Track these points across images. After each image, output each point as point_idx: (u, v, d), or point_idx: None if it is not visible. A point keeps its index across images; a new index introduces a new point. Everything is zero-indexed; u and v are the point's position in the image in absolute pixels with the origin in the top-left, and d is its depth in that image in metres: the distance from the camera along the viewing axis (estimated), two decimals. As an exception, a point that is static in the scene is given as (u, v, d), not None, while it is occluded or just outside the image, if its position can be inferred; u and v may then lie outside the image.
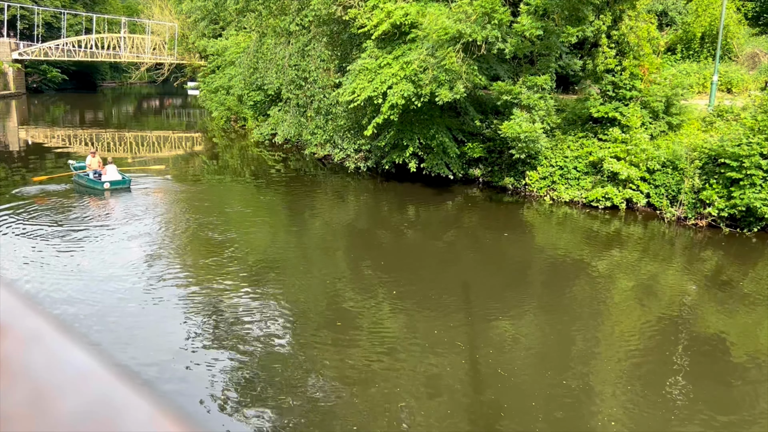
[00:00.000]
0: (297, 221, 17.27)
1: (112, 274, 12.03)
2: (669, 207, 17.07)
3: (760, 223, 15.66)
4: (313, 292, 11.93)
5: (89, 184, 18.80)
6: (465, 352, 9.44)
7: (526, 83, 18.32)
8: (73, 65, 62.95)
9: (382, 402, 8.05)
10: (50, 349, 0.41)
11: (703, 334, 10.52)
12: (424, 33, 17.91)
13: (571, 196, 18.44)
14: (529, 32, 16.98)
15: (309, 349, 9.43)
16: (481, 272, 13.50)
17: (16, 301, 0.44)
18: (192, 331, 9.74)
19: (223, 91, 36.11)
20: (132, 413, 0.38)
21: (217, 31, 42.58)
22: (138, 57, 63.08)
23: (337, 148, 22.97)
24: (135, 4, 78.06)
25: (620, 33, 18.59)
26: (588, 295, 12.17)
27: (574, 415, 7.92)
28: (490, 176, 20.40)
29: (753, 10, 30.04)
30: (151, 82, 77.21)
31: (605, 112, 18.27)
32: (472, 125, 20.15)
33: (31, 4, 61.27)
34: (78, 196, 18.29)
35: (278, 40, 27.24)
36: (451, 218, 18.18)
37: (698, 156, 16.76)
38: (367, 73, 18.56)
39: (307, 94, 25.65)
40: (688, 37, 27.29)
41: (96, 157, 19.87)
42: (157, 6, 63.26)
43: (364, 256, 14.35)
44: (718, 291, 12.70)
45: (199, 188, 21.48)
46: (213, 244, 14.32)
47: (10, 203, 16.92)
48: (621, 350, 9.87)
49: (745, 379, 8.97)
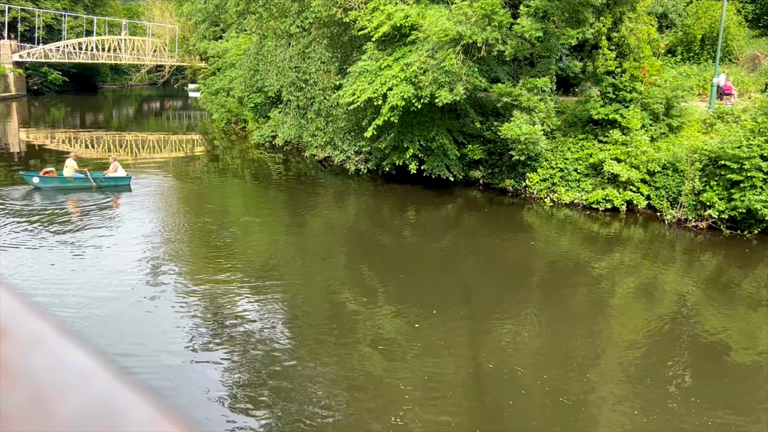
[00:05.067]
0: (297, 223, 17.27)
1: (112, 275, 12.02)
2: (669, 209, 17.06)
3: (760, 225, 15.65)
4: (314, 293, 11.93)
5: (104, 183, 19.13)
6: (466, 354, 9.43)
7: (526, 85, 18.33)
8: (73, 67, 63.03)
9: (382, 404, 8.04)
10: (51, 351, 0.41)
11: (703, 336, 10.50)
12: (425, 35, 17.93)
13: (572, 198, 18.44)
14: (529, 34, 16.99)
15: (309, 350, 9.42)
16: (481, 274, 13.50)
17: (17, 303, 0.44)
18: (192, 333, 9.73)
19: (224, 93, 36.14)
20: (132, 415, 0.38)
21: (218, 34, 42.63)
22: (138, 59, 63.17)
23: (338, 150, 22.98)
24: (136, 7, 78.25)
25: (620, 35, 18.60)
26: (588, 297, 12.16)
27: (574, 417, 7.90)
28: (491, 178, 20.41)
29: (753, 12, 30.07)
30: (151, 84, 77.28)
31: (605, 114, 18.28)
32: (472, 127, 20.16)
33: (32, 7, 61.37)
34: (79, 196, 18.28)
35: (279, 42, 27.27)
36: (451, 220, 18.18)
37: (698, 158, 16.76)
38: (368, 75, 18.58)
39: (308, 96, 25.68)
40: (689, 39, 27.32)
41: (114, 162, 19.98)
42: (157, 8, 63.42)
43: (364, 258, 14.34)
44: (719, 293, 12.69)
45: (199, 190, 21.49)
46: (213, 245, 14.32)
47: (10, 203, 16.91)
48: (621, 352, 9.86)
49: (745, 380, 8.96)
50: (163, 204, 18.74)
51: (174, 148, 32.73)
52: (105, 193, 18.72)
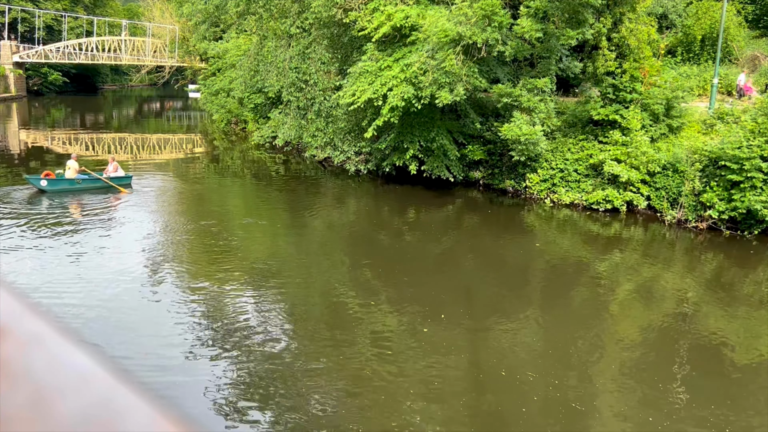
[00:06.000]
0: (297, 223, 17.27)
1: (112, 275, 12.02)
2: (669, 209, 17.06)
3: (760, 225, 15.65)
4: (314, 294, 11.93)
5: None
6: (466, 355, 9.43)
7: (526, 86, 18.33)
8: (73, 68, 63.02)
9: (382, 404, 8.04)
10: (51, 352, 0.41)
11: (703, 337, 10.50)
12: (425, 35, 17.93)
13: (572, 199, 18.44)
14: (529, 35, 16.99)
15: (309, 351, 9.42)
16: (481, 275, 13.50)
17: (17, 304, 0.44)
18: (193, 333, 9.73)
19: (224, 94, 36.15)
20: (132, 415, 0.38)
21: (218, 34, 42.57)
22: (139, 60, 63.21)
23: (338, 151, 22.98)
24: (136, 7, 78.29)
25: (620, 36, 18.60)
26: (589, 298, 12.16)
27: (574, 417, 7.90)
28: (491, 179, 20.41)
29: (753, 12, 30.07)
30: (151, 84, 77.31)
31: (605, 114, 18.28)
32: (472, 128, 20.16)
33: (32, 7, 61.38)
34: (80, 197, 18.27)
35: (279, 42, 27.24)
36: (451, 221, 18.18)
37: (698, 158, 16.76)
38: (368, 76, 18.58)
39: (308, 96, 25.67)
40: (689, 40, 27.32)
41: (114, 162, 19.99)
42: (157, 9, 63.46)
43: (364, 258, 14.34)
44: (719, 293, 12.68)
45: (199, 191, 21.49)
46: (213, 246, 14.32)
47: (10, 204, 16.91)
48: (622, 352, 9.86)
49: (746, 380, 8.96)
50: (163, 205, 18.74)
51: (174, 149, 32.74)
52: (106, 194, 18.71)
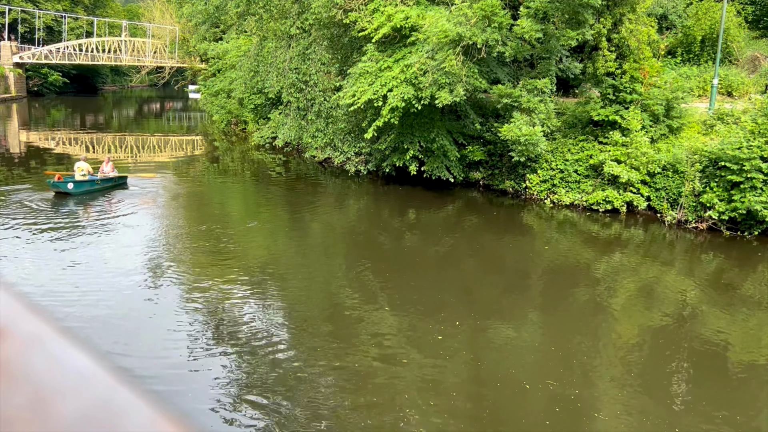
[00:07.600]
0: (297, 224, 17.27)
1: (112, 276, 12.01)
2: (669, 210, 17.06)
3: (760, 226, 15.65)
4: (314, 295, 11.92)
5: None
6: (466, 355, 9.42)
7: (526, 86, 18.33)
8: (73, 69, 63.02)
9: (382, 405, 8.03)
10: (51, 352, 0.41)
11: (704, 337, 10.50)
12: (424, 36, 17.93)
13: (572, 200, 18.43)
14: (529, 35, 16.98)
15: (309, 352, 9.41)
16: (481, 276, 13.50)
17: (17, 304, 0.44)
18: (193, 334, 9.73)
19: (224, 95, 36.15)
20: (132, 416, 0.38)
21: (218, 35, 42.65)
22: (139, 60, 63.25)
23: (338, 151, 22.98)
24: (136, 8, 78.30)
25: (620, 36, 18.60)
26: (589, 299, 12.16)
27: (575, 417, 7.90)
28: (491, 179, 20.40)
29: (753, 13, 30.05)
30: (151, 85, 77.34)
31: (605, 115, 18.28)
32: (472, 128, 20.16)
33: (32, 8, 61.40)
34: (81, 198, 18.27)
35: (279, 43, 27.26)
36: (451, 221, 18.18)
37: (699, 159, 16.76)
38: (368, 76, 18.58)
39: (308, 97, 25.67)
40: (689, 41, 27.30)
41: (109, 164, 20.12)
42: (158, 9, 63.50)
43: (364, 259, 14.33)
44: (719, 294, 12.68)
45: (200, 191, 21.49)
46: (213, 246, 14.32)
47: (10, 204, 16.91)
48: (622, 353, 9.86)
49: (747, 381, 8.96)
50: (163, 205, 18.73)
51: (174, 150, 32.74)
52: (107, 195, 18.71)
